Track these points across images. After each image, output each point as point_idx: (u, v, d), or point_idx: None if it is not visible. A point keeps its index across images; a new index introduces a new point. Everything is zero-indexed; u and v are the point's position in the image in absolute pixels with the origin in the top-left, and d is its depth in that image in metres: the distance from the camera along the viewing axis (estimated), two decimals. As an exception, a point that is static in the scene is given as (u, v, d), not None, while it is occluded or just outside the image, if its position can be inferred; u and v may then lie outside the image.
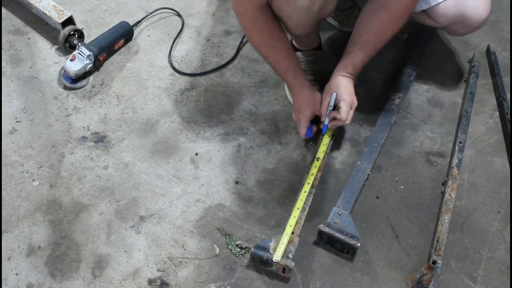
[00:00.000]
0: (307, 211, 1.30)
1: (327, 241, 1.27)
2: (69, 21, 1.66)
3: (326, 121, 1.38)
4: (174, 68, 1.67)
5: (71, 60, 1.57)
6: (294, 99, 1.43)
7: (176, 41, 1.75)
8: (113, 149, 1.47)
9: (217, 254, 1.28)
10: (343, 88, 1.35)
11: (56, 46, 1.72)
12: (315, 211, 1.35)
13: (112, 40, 1.67)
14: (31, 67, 1.66)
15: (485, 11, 1.38)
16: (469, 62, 1.71)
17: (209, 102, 1.60)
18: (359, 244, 1.22)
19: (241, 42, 1.75)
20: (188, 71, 1.67)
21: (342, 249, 1.26)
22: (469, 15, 1.38)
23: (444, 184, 1.39)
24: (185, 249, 1.28)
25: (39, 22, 1.77)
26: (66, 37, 1.65)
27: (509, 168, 1.46)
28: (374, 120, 1.54)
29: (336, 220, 1.26)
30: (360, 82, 1.62)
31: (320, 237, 1.28)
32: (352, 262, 1.27)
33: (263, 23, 1.31)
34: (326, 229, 1.24)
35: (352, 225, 1.25)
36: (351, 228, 1.25)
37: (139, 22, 1.79)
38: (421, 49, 1.70)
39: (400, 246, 1.30)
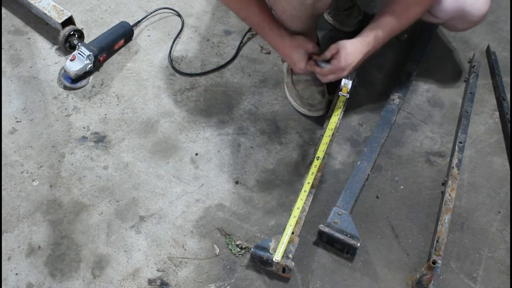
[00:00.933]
0: (307, 211, 1.30)
1: (327, 241, 1.27)
2: (69, 21, 1.66)
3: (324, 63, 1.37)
4: (174, 68, 1.67)
5: (71, 60, 1.57)
6: (288, 41, 1.37)
7: (176, 41, 1.75)
8: (113, 149, 1.47)
9: (217, 254, 1.28)
10: (350, 45, 1.32)
11: (56, 46, 1.72)
12: (315, 211, 1.35)
13: (112, 40, 1.67)
14: (31, 67, 1.66)
15: (484, 5, 1.38)
16: (469, 62, 1.71)
17: (209, 102, 1.60)
18: (359, 244, 1.22)
19: (241, 42, 1.75)
20: (188, 71, 1.67)
21: (342, 249, 1.26)
22: (468, 10, 1.38)
23: (444, 184, 1.39)
24: (185, 249, 1.28)
25: (39, 22, 1.77)
26: (66, 37, 1.65)
27: (509, 168, 1.45)
28: (374, 120, 1.54)
29: (336, 220, 1.26)
30: (360, 82, 1.62)
31: (320, 237, 1.28)
32: (352, 262, 1.27)
33: None
34: (326, 229, 1.24)
35: (352, 225, 1.25)
36: (351, 228, 1.25)
37: (139, 22, 1.79)
38: (422, 48, 1.70)
39: (400, 246, 1.30)
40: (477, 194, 1.40)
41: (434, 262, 1.19)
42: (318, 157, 1.38)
